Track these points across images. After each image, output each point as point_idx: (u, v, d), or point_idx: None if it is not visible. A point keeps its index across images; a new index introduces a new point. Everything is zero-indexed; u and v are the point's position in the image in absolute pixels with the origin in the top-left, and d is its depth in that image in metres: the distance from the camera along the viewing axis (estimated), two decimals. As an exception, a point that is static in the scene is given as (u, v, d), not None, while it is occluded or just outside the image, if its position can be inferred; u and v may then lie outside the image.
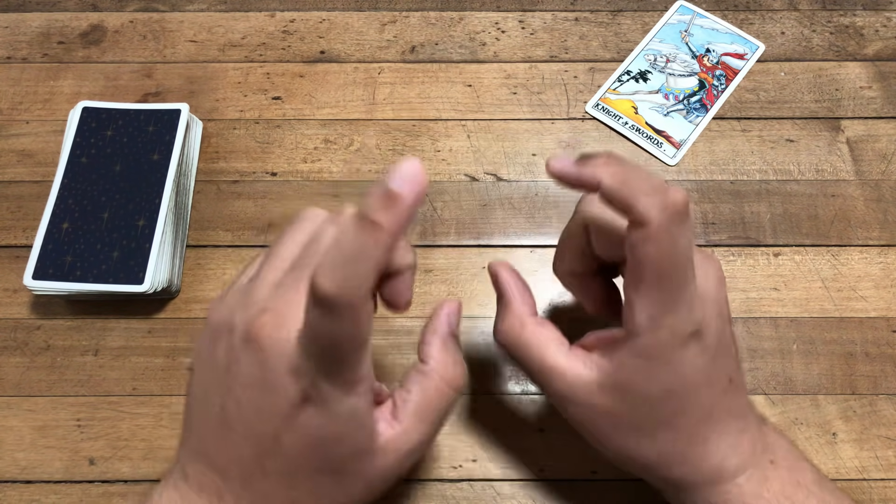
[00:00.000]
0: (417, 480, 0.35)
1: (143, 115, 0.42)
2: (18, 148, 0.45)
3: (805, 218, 0.42)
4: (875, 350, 0.38)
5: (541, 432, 0.36)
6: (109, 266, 0.38)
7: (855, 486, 0.35)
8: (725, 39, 0.48)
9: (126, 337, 0.39)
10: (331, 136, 0.45)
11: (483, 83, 0.47)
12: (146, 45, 0.48)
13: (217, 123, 0.45)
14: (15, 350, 0.39)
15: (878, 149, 0.44)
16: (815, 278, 0.40)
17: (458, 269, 0.41)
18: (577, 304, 0.40)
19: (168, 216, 0.39)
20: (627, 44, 0.48)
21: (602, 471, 0.35)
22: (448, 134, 0.45)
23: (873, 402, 0.37)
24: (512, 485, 0.35)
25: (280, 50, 0.48)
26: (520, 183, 0.43)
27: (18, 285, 0.40)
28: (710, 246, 0.41)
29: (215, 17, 0.49)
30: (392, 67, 0.47)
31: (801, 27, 0.48)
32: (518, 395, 0.37)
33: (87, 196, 0.40)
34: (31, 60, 0.48)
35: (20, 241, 0.42)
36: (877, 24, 0.48)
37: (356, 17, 0.49)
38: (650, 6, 0.49)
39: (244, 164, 0.44)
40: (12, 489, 0.35)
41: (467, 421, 0.37)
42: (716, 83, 0.46)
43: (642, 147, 0.44)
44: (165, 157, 0.41)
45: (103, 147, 0.41)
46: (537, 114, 0.46)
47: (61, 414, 0.37)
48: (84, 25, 0.49)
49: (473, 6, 0.50)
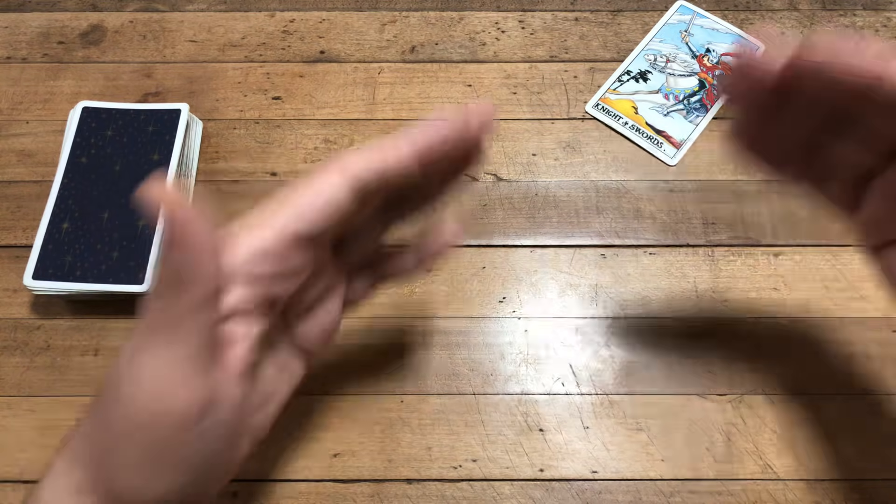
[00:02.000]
0: (417, 480, 0.35)
1: (143, 115, 0.42)
2: (18, 148, 0.45)
3: (805, 218, 0.42)
4: (876, 350, 0.38)
5: (541, 432, 0.36)
6: (109, 266, 0.38)
7: (855, 486, 0.35)
8: (725, 39, 0.48)
9: (126, 337, 0.39)
10: (331, 136, 0.45)
11: (483, 83, 0.47)
12: (146, 45, 0.48)
13: (217, 123, 0.45)
14: (15, 350, 0.39)
15: (879, 149, 0.44)
16: (816, 278, 0.40)
17: (457, 269, 0.41)
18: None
19: (168, 216, 0.39)
20: (627, 44, 0.48)
21: (602, 471, 0.35)
22: (448, 134, 0.45)
23: (874, 403, 0.37)
24: (512, 485, 0.35)
25: (280, 50, 0.48)
26: (520, 183, 0.43)
27: (18, 285, 0.40)
28: (710, 246, 0.41)
29: (215, 17, 0.49)
30: (392, 67, 0.47)
31: (801, 27, 0.48)
32: (518, 395, 0.37)
33: (87, 196, 0.40)
34: (31, 60, 0.48)
35: (20, 241, 0.42)
36: (877, 24, 0.48)
37: (356, 17, 0.49)
38: (650, 6, 0.49)
39: (244, 164, 0.44)
40: (12, 489, 0.35)
41: (467, 421, 0.37)
42: (716, 83, 0.46)
43: (642, 147, 0.44)
44: (165, 157, 0.41)
45: (103, 147, 0.41)
46: (537, 114, 0.46)
47: (61, 414, 0.37)
48: (84, 25, 0.49)
49: (473, 6, 0.50)
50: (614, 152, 0.44)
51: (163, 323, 0.22)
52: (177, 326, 0.22)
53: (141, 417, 0.22)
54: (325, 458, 0.36)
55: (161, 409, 0.22)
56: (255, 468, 0.35)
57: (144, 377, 0.22)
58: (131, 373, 0.22)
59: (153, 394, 0.22)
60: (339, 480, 0.35)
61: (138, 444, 0.23)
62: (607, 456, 0.36)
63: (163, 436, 0.23)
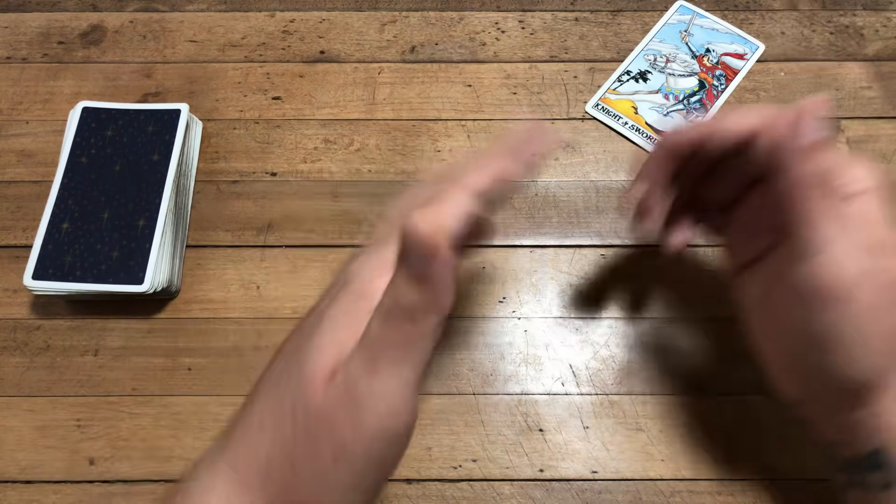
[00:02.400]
0: (417, 480, 0.35)
1: (143, 115, 0.42)
2: (18, 148, 0.45)
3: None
4: (875, 350, 0.38)
5: (541, 432, 0.36)
6: (109, 266, 0.38)
7: (855, 486, 0.35)
8: (725, 39, 0.48)
9: (126, 337, 0.39)
10: (331, 136, 0.45)
11: (483, 83, 0.47)
12: (146, 45, 0.48)
13: (217, 123, 0.45)
14: (15, 350, 0.39)
15: (878, 149, 0.44)
16: (815, 278, 0.40)
17: (458, 269, 0.41)
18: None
19: (168, 216, 0.39)
20: (627, 44, 0.48)
21: (602, 471, 0.35)
22: (448, 134, 0.45)
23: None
24: (512, 485, 0.35)
25: (280, 50, 0.48)
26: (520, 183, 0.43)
27: (18, 285, 0.40)
28: (710, 246, 0.41)
29: (215, 17, 0.49)
30: (392, 67, 0.47)
31: (801, 27, 0.48)
32: (518, 395, 0.37)
33: (87, 196, 0.40)
34: (31, 60, 0.48)
35: (20, 241, 0.42)
36: (877, 24, 0.48)
37: (356, 17, 0.49)
38: (650, 6, 0.49)
39: (244, 164, 0.44)
40: (12, 489, 0.35)
41: (467, 421, 0.37)
42: (716, 83, 0.46)
43: (642, 147, 0.44)
44: (165, 157, 0.41)
45: (103, 147, 0.41)
46: (537, 114, 0.46)
47: (61, 414, 0.37)
48: (84, 25, 0.49)
49: (473, 6, 0.50)
50: (614, 152, 0.44)
51: (398, 344, 0.23)
52: (411, 349, 0.23)
53: (369, 437, 0.23)
54: (325, 458, 0.36)
55: (390, 428, 0.23)
56: (255, 468, 0.35)
57: (380, 397, 0.22)
58: (371, 392, 0.22)
59: (385, 413, 0.23)
60: (339, 480, 0.35)
61: (355, 466, 0.23)
62: (607, 456, 0.36)
63: (382, 456, 0.23)
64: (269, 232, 0.42)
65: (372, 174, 0.44)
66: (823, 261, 0.25)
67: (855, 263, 0.25)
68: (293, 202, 0.43)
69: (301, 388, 0.23)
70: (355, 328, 0.23)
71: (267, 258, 0.41)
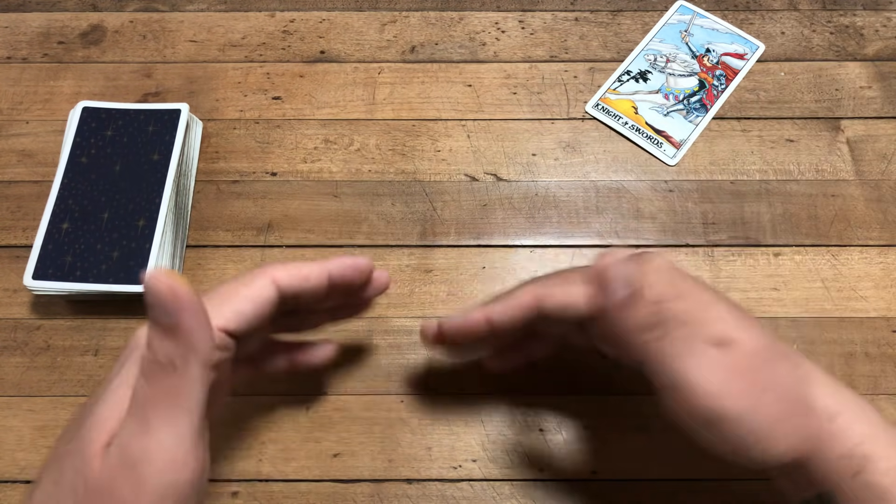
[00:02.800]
0: (417, 480, 0.35)
1: (143, 115, 0.42)
2: (18, 148, 0.45)
3: (805, 218, 0.42)
4: (875, 350, 0.38)
5: (541, 432, 0.36)
6: (109, 266, 0.38)
7: (855, 486, 0.35)
8: (725, 39, 0.48)
9: (126, 337, 0.39)
10: (331, 136, 0.45)
11: (483, 83, 0.47)
12: (146, 45, 0.48)
13: (217, 123, 0.45)
14: (15, 350, 0.39)
15: (878, 149, 0.44)
16: (815, 278, 0.40)
17: (457, 269, 0.41)
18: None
19: (168, 216, 0.40)
20: (627, 44, 0.48)
21: (602, 471, 0.35)
22: (448, 134, 0.45)
23: (873, 402, 0.37)
24: (512, 485, 0.35)
25: (280, 50, 0.48)
26: (520, 183, 0.43)
27: (18, 285, 0.40)
28: (710, 246, 0.41)
29: (215, 17, 0.49)
30: (392, 67, 0.47)
31: (801, 27, 0.48)
32: (518, 395, 0.37)
33: (87, 196, 0.40)
34: (31, 60, 0.48)
35: (20, 241, 0.42)
36: (877, 24, 0.48)
37: (356, 17, 0.49)
38: (650, 6, 0.50)
39: (244, 164, 0.44)
40: (12, 489, 0.35)
41: (467, 421, 0.37)
42: (716, 83, 0.46)
43: (642, 147, 0.44)
44: (165, 157, 0.41)
45: (103, 147, 0.41)
46: (537, 114, 0.46)
47: (61, 414, 0.37)
48: (84, 25, 0.49)
49: (473, 6, 0.50)
50: (614, 152, 0.44)
51: (165, 397, 0.23)
52: (183, 398, 0.23)
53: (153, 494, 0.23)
54: (325, 458, 0.36)
55: (176, 481, 0.23)
56: (254, 468, 0.35)
57: (155, 454, 0.23)
58: (146, 450, 0.23)
59: (165, 468, 0.23)
60: (339, 480, 0.35)
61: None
62: (607, 456, 0.36)
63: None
64: (269, 232, 0.42)
65: (372, 174, 0.44)
66: (685, 395, 0.25)
67: (711, 377, 0.25)
68: (293, 202, 0.43)
69: (80, 462, 0.23)
70: None
71: (267, 258, 0.41)
